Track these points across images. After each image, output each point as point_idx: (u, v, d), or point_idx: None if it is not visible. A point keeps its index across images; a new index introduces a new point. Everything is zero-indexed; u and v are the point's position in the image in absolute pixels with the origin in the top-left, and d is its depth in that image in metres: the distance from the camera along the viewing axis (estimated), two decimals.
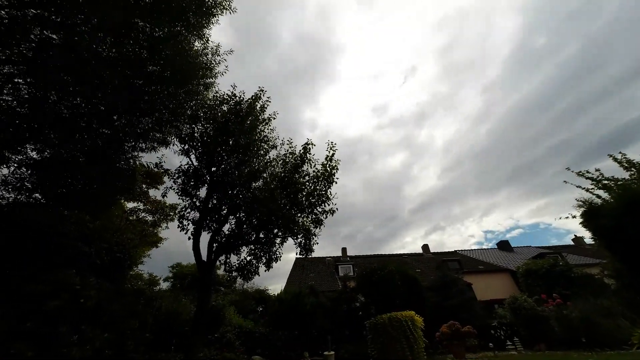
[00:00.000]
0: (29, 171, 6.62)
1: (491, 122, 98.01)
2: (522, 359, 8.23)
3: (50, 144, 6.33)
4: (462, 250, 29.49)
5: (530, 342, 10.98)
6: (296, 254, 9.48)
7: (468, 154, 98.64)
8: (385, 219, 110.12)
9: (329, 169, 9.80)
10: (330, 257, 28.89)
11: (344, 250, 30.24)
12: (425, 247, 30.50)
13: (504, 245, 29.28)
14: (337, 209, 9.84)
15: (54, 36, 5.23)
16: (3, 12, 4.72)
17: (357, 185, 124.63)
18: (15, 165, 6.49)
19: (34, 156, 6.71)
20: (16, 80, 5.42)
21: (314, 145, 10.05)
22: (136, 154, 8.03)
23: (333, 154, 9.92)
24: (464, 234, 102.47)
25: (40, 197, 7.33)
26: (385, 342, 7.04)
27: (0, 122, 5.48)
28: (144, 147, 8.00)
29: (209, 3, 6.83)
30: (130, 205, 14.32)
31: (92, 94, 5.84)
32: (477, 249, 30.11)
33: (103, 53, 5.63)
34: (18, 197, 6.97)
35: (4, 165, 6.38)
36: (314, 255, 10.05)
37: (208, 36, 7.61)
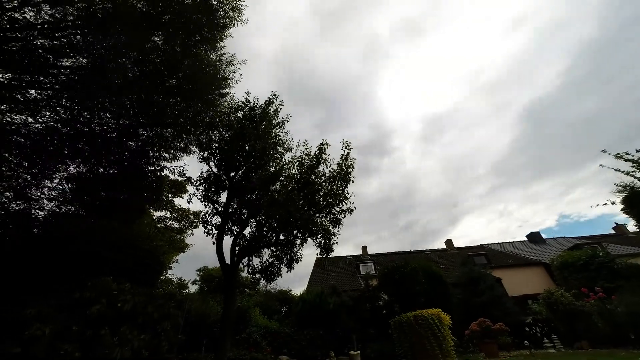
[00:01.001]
0: (70, 185, 7.20)
1: (602, 78, 75.73)
2: (563, 357, 7.73)
3: (86, 159, 6.87)
4: (488, 243, 28.23)
5: (570, 340, 10.29)
6: (316, 254, 9.55)
7: (562, 120, 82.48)
8: (449, 204, 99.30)
9: (344, 168, 9.77)
10: (350, 256, 28.77)
11: (364, 248, 29.98)
12: (448, 242, 29.54)
13: (534, 237, 27.65)
14: (354, 207, 9.78)
15: (83, 60, 5.69)
16: (40, 42, 5.20)
17: (436, 166, 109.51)
18: (57, 180, 7.10)
19: (73, 171, 7.31)
20: (53, 102, 5.93)
21: (329, 145, 10.09)
22: (161, 163, 8.48)
23: (348, 153, 9.89)
24: (532, 219, 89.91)
25: (77, 208, 7.95)
26: (412, 341, 6.91)
27: (44, 140, 6.03)
28: (167, 157, 8.44)
29: (220, 17, 7.09)
30: (157, 214, 15.12)
31: (120, 110, 6.27)
32: (506, 242, 28.66)
33: (128, 73, 6.03)
34: (59, 208, 7.61)
35: (48, 180, 6.99)
36: (334, 255, 10.06)
37: (222, 47, 7.90)
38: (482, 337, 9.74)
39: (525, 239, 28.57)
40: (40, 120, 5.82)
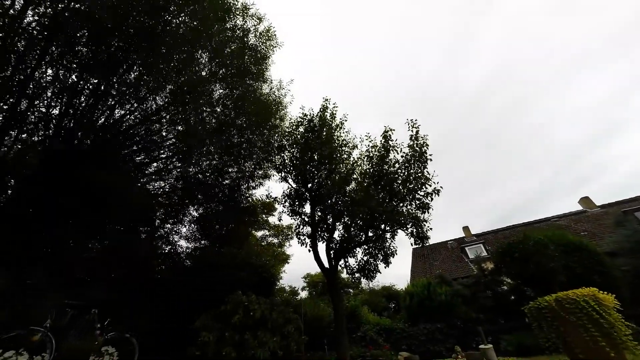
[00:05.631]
0: (196, 226, 9.31)
1: None
2: None
3: (200, 203, 8.80)
4: None
5: None
6: (411, 244, 9.04)
7: None
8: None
9: (417, 148, 9.04)
10: (451, 240, 25.92)
11: (466, 229, 26.47)
12: (585, 200, 22.57)
13: None
14: (441, 187, 8.86)
15: (179, 127, 7.37)
16: (155, 126, 7.00)
17: None
18: (187, 224, 9.31)
19: (194, 213, 9.46)
20: (169, 167, 7.89)
21: (393, 130, 9.56)
22: (250, 192, 9.98)
23: (417, 132, 9.13)
24: None
25: (204, 241, 10.16)
26: (561, 331, 5.58)
27: (173, 196, 8.05)
28: (253, 186, 9.86)
29: (260, 50, 7.92)
30: (259, 233, 17.55)
31: (209, 156, 7.78)
32: None
33: (208, 126, 7.43)
34: (192, 244, 9.91)
35: (182, 225, 9.28)
36: (431, 242, 9.34)
37: (269, 75, 8.81)
38: None
39: None
40: (167, 182, 7.92)
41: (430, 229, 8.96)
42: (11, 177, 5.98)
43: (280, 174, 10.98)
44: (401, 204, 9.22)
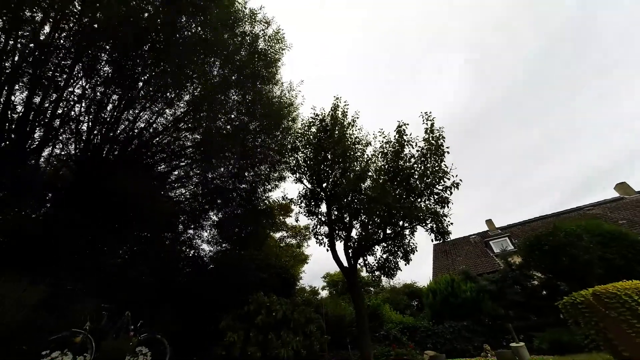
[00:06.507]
0: (216, 230, 9.62)
1: None
2: None
3: (219, 208, 9.08)
4: None
5: None
6: (431, 240, 8.81)
7: None
8: None
9: (433, 141, 8.81)
10: (474, 234, 25.00)
11: (489, 222, 25.41)
12: (621, 186, 20.91)
13: None
14: (460, 180, 8.57)
15: (198, 136, 7.67)
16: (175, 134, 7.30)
17: None
18: (208, 229, 9.64)
19: (214, 218, 9.77)
20: (190, 175, 8.20)
21: (407, 124, 9.38)
22: (267, 195, 10.18)
23: (432, 124, 8.90)
24: None
25: (225, 244, 10.46)
26: (600, 327, 5.21)
27: (193, 202, 8.36)
28: (269, 188, 10.05)
29: (270, 54, 8.05)
30: (277, 235, 17.80)
31: (226, 161, 8.02)
32: None
33: (223, 131, 7.65)
34: (217, 247, 10.24)
35: (203, 229, 9.62)
36: (453, 237, 9.05)
37: (280, 78, 8.95)
38: None
39: None
40: (187, 189, 8.29)
41: (451, 223, 8.69)
42: (49, 191, 6.47)
43: (295, 175, 11.07)
44: (419, 200, 9.02)
